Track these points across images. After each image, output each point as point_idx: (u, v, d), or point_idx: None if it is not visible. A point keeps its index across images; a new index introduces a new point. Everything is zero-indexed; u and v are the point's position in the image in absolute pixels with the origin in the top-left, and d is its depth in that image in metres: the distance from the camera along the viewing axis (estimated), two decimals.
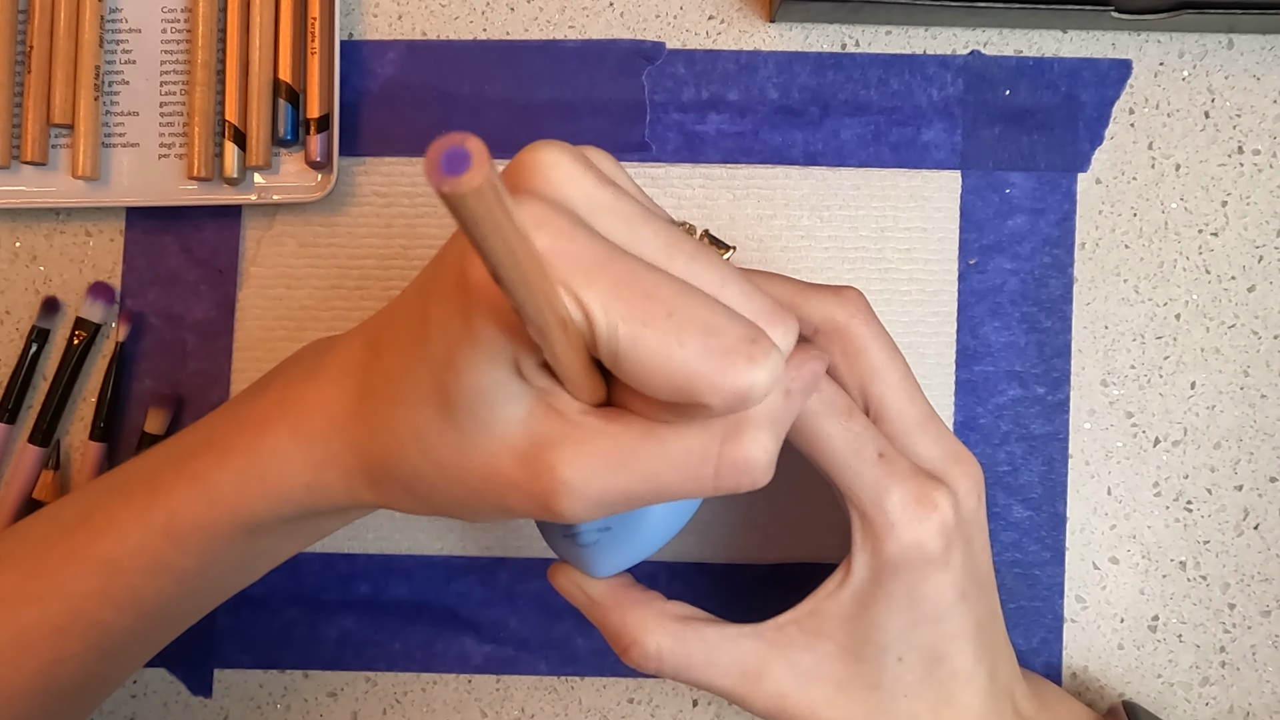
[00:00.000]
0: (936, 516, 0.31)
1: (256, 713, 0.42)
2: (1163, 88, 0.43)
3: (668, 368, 0.24)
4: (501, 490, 0.27)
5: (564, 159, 0.25)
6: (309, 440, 0.30)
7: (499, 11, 0.43)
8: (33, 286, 0.43)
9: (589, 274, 0.23)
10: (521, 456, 0.26)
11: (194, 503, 0.31)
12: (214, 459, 0.31)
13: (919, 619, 0.32)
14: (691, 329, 0.24)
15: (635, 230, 0.25)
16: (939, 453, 0.33)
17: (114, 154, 0.42)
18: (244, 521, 0.31)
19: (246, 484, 0.30)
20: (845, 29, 0.43)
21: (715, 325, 0.24)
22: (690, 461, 0.26)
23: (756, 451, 0.26)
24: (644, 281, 0.24)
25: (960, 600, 0.32)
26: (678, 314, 0.24)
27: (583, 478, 0.26)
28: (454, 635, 0.42)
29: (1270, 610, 0.42)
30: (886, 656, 0.33)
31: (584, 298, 0.23)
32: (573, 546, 0.33)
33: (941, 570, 0.32)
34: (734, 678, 0.33)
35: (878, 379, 0.33)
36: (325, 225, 0.43)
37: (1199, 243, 0.43)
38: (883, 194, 0.43)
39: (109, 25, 0.42)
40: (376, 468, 0.29)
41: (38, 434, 0.41)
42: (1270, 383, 0.42)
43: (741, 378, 0.24)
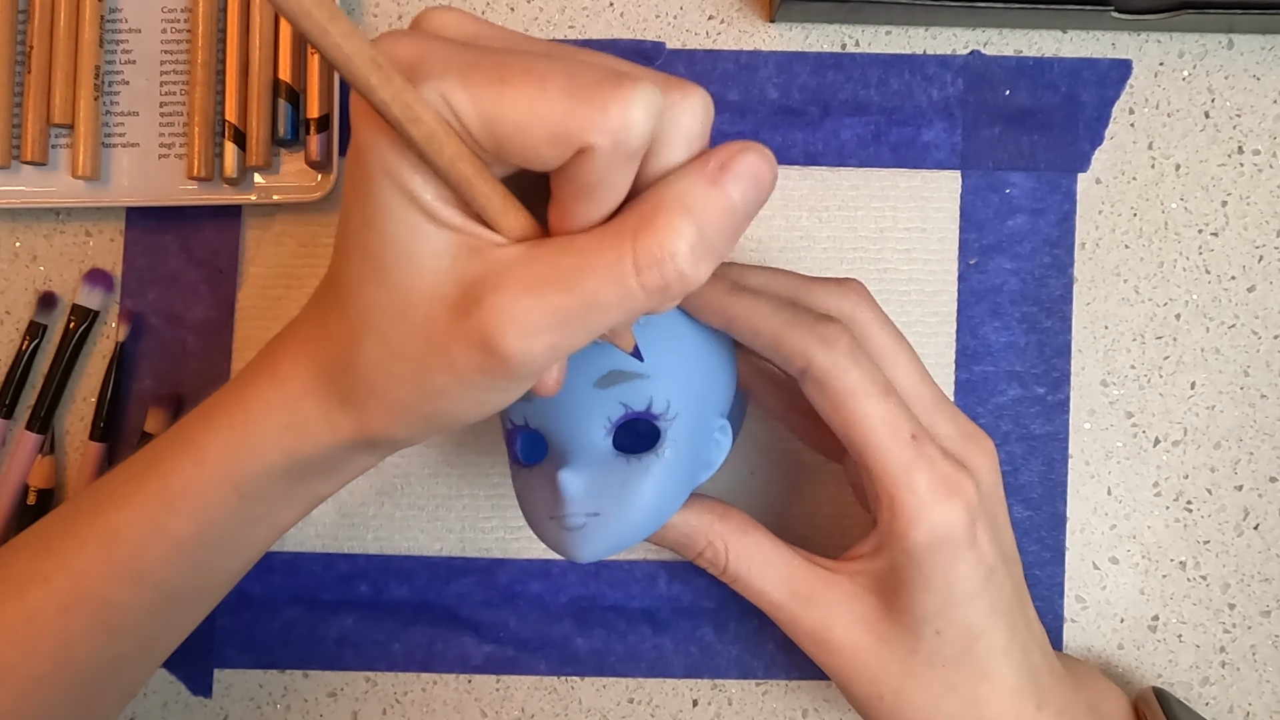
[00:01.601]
0: (961, 499, 0.32)
1: (256, 713, 0.42)
2: (1163, 88, 0.43)
3: (537, 117, 0.24)
4: (446, 348, 0.26)
5: (444, 8, 0.27)
6: (283, 378, 0.30)
7: (499, 11, 0.43)
8: (32, 286, 0.43)
9: (444, 64, 0.24)
10: (453, 303, 0.26)
11: (186, 465, 0.31)
12: (202, 420, 0.31)
13: (954, 598, 0.33)
14: (552, 75, 0.24)
15: (510, 43, 0.26)
16: (956, 431, 0.34)
17: (114, 154, 0.42)
18: (233, 477, 0.31)
19: (231, 437, 0.31)
20: (845, 29, 0.43)
21: (578, 70, 0.24)
22: (608, 261, 0.25)
23: (671, 238, 0.25)
24: (499, 56, 0.25)
25: (990, 577, 0.33)
26: (536, 68, 0.24)
27: (513, 307, 0.25)
28: (454, 635, 0.42)
29: (1270, 610, 0.42)
30: (924, 628, 0.33)
31: (444, 88, 0.24)
32: (560, 531, 0.33)
33: (969, 549, 0.32)
34: (784, 593, 0.35)
35: (886, 363, 0.34)
36: (325, 225, 0.43)
37: (1199, 243, 0.43)
38: (882, 194, 0.43)
39: (109, 25, 0.42)
40: (341, 376, 0.29)
41: (35, 421, 0.42)
42: (1270, 383, 0.42)
43: (611, 103, 0.24)
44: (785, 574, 0.35)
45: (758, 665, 0.42)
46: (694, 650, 0.42)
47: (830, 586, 0.35)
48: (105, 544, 0.32)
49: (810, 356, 0.32)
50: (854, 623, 0.34)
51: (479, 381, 0.27)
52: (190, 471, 0.31)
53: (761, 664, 0.42)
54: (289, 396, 0.30)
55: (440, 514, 0.42)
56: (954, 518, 0.32)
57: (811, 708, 0.42)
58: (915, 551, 0.32)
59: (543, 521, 0.34)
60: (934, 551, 0.32)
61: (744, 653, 0.42)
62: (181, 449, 0.31)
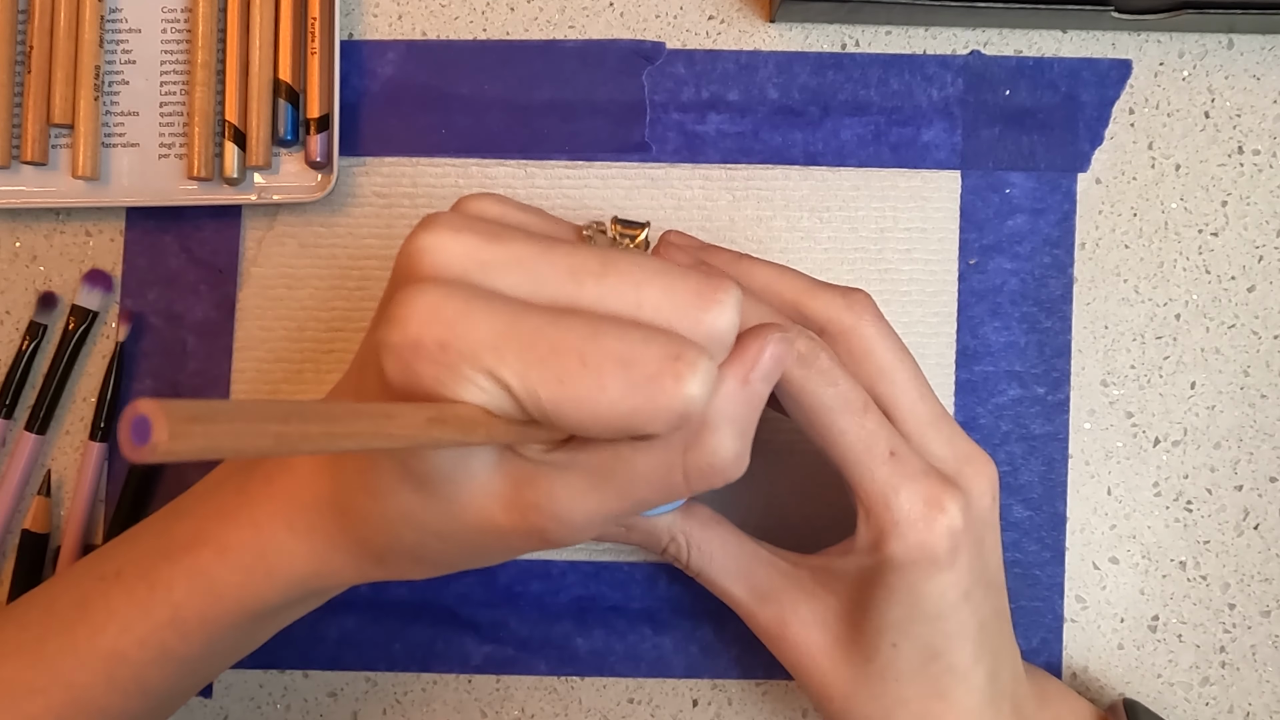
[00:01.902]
0: (944, 520, 0.31)
1: (256, 713, 0.42)
2: (1163, 88, 0.43)
3: (598, 415, 0.24)
4: (501, 537, 0.27)
5: (441, 236, 0.25)
6: (307, 533, 0.30)
7: (499, 11, 0.43)
8: (32, 286, 0.43)
9: (495, 349, 0.24)
10: (506, 503, 0.27)
11: (198, 597, 0.31)
12: (213, 555, 0.31)
13: (917, 615, 0.32)
14: (609, 369, 0.24)
15: (534, 272, 0.25)
16: (952, 453, 0.33)
17: (114, 154, 0.42)
18: (251, 610, 0.31)
19: (252, 577, 0.31)
20: (845, 29, 0.43)
21: (631, 356, 0.24)
22: (658, 474, 0.26)
23: (720, 452, 0.26)
24: (549, 336, 0.24)
25: (963, 601, 0.32)
26: (590, 359, 0.24)
27: (566, 509, 0.26)
28: (454, 635, 0.42)
29: (1270, 610, 0.42)
30: (882, 639, 0.33)
31: (499, 374, 0.24)
32: None
33: (945, 571, 0.32)
34: (742, 588, 0.35)
35: (885, 379, 0.33)
36: (325, 225, 0.43)
37: (1199, 243, 0.43)
38: (883, 194, 0.43)
39: (109, 25, 0.42)
40: (378, 550, 0.29)
41: (34, 421, 0.42)
42: (1270, 383, 0.42)
43: (674, 400, 0.24)
44: (745, 568, 0.35)
45: (758, 665, 0.42)
46: (694, 650, 0.42)
47: (789, 583, 0.34)
48: (107, 664, 0.32)
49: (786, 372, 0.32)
50: (810, 620, 0.34)
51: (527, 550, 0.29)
52: (204, 605, 0.31)
53: (761, 664, 0.42)
54: (316, 553, 0.30)
55: None
56: (935, 538, 0.31)
57: (811, 708, 0.42)
58: (887, 565, 0.32)
59: None
60: (906, 568, 0.32)
61: (744, 653, 0.42)
62: (192, 580, 0.31)
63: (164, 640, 0.31)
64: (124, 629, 0.31)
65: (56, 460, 0.42)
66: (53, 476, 0.42)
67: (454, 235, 0.25)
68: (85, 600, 0.32)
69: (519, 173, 0.42)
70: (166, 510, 0.34)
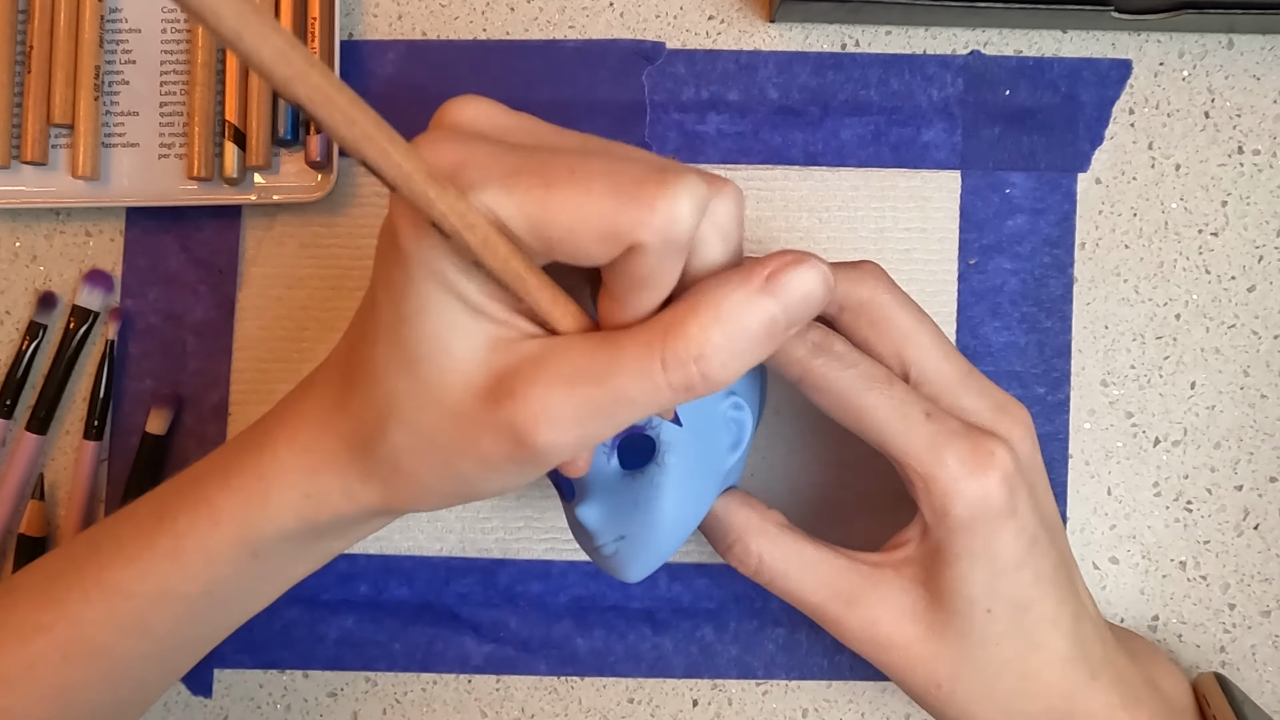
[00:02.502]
0: (996, 469, 0.32)
1: (256, 713, 0.42)
2: (1163, 88, 0.43)
3: (585, 219, 0.24)
4: (475, 437, 0.27)
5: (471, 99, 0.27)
6: (304, 447, 0.30)
7: (499, 11, 0.43)
8: (32, 286, 0.43)
9: (487, 171, 0.25)
10: (485, 393, 0.26)
11: (199, 526, 0.31)
12: (218, 481, 0.31)
13: (999, 571, 0.32)
14: (595, 175, 0.24)
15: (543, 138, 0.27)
16: (985, 404, 0.34)
17: (114, 154, 0.42)
18: (247, 540, 0.31)
19: (249, 501, 0.31)
20: (845, 29, 0.43)
21: (619, 167, 0.24)
22: (639, 358, 0.26)
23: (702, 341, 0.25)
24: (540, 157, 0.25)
25: (1033, 546, 0.33)
26: (578, 169, 0.24)
27: (545, 398, 0.26)
28: (454, 635, 0.42)
29: (1270, 610, 0.42)
30: (975, 609, 0.33)
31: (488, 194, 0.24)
32: (602, 559, 0.34)
33: (1010, 519, 0.32)
34: (824, 596, 0.34)
35: (910, 343, 0.33)
36: (326, 225, 0.43)
37: (1199, 243, 0.43)
38: (882, 194, 0.43)
39: (109, 25, 0.42)
40: (365, 453, 0.29)
41: (34, 421, 0.42)
42: (1270, 383, 0.42)
43: (658, 200, 0.24)
44: (826, 576, 0.34)
45: (758, 665, 0.42)
46: (694, 650, 0.42)
47: (875, 583, 0.34)
48: (111, 598, 0.32)
49: (805, 365, 0.32)
50: (901, 616, 0.34)
51: (506, 468, 0.27)
52: (204, 533, 0.31)
53: (761, 664, 0.42)
54: (309, 467, 0.30)
55: (440, 514, 0.42)
56: (991, 488, 0.32)
57: (811, 708, 0.42)
58: (957, 528, 0.32)
59: (590, 553, 0.34)
60: (975, 525, 0.32)
61: (744, 653, 0.42)
62: (195, 509, 0.31)
63: (164, 573, 0.31)
64: (128, 561, 0.32)
65: (56, 460, 0.42)
66: (51, 477, 0.42)
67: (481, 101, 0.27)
68: (96, 538, 0.33)
69: None
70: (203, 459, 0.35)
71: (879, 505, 0.42)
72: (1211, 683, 0.38)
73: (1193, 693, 0.38)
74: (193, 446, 0.42)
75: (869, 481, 0.42)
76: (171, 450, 0.42)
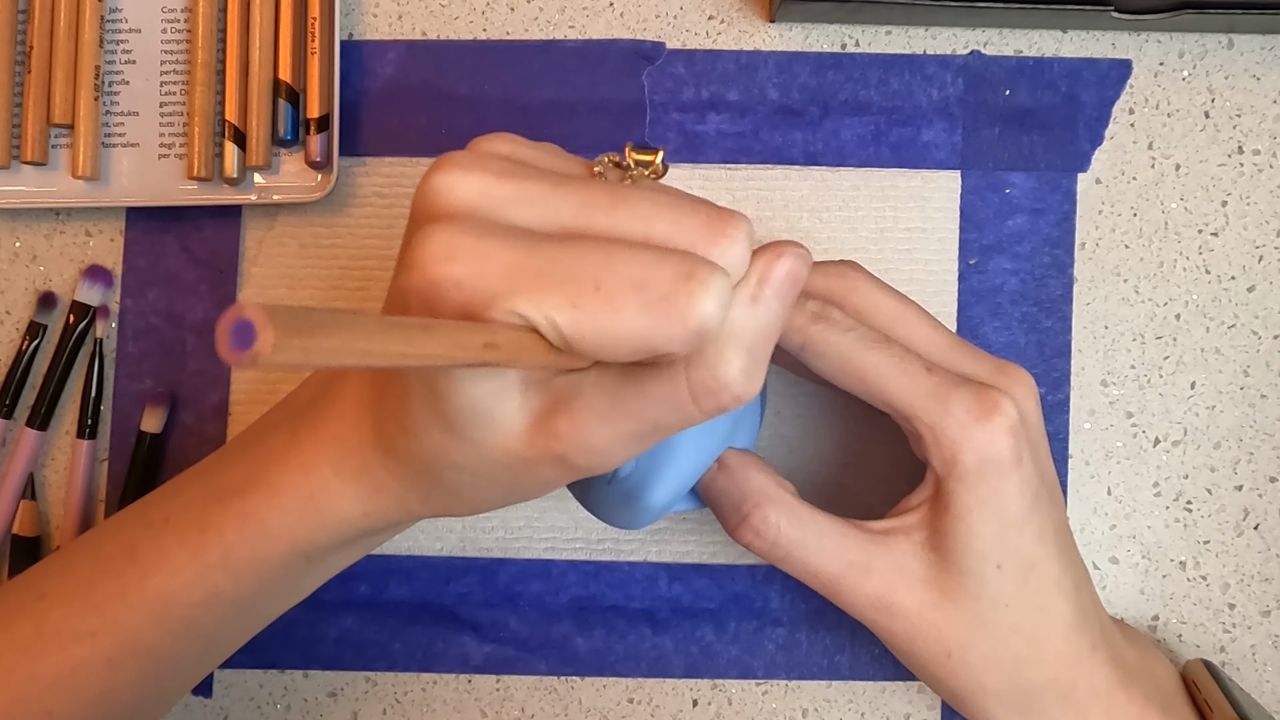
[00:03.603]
0: (1001, 418, 0.32)
1: (256, 713, 0.42)
2: (1163, 88, 0.43)
3: (615, 338, 0.24)
4: (531, 468, 0.28)
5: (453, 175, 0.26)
6: (354, 475, 0.30)
7: (499, 11, 0.43)
8: (32, 286, 0.43)
9: (509, 282, 0.24)
10: (530, 436, 0.27)
11: (249, 539, 0.31)
12: (264, 497, 0.31)
13: (1006, 523, 0.33)
14: (622, 291, 0.24)
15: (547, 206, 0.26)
16: (984, 368, 0.34)
17: (114, 154, 0.42)
18: (302, 550, 0.32)
19: (303, 519, 0.31)
20: (845, 29, 0.43)
21: (644, 277, 0.24)
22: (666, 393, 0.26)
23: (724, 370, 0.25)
24: (562, 265, 0.24)
25: (1036, 501, 0.33)
26: (604, 283, 0.24)
27: (589, 436, 0.26)
28: (454, 635, 0.42)
29: (1270, 610, 0.42)
30: (986, 566, 0.33)
31: (516, 308, 0.24)
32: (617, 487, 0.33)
33: (1015, 468, 0.32)
34: (840, 565, 0.34)
35: (897, 323, 0.34)
36: (326, 226, 0.43)
37: (1199, 243, 0.43)
38: (882, 194, 0.43)
39: (109, 25, 0.42)
40: (419, 486, 0.30)
41: (35, 418, 0.42)
42: (1270, 383, 0.42)
43: (689, 318, 0.24)
44: (840, 546, 0.34)
45: (758, 665, 0.42)
46: (694, 650, 0.42)
47: (887, 550, 0.34)
48: (159, 607, 0.32)
49: (806, 332, 0.33)
50: (914, 582, 0.34)
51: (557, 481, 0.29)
52: (255, 545, 0.31)
53: (761, 664, 0.42)
54: (363, 494, 0.31)
55: None
56: (997, 435, 0.32)
57: (811, 708, 0.42)
58: (965, 477, 0.32)
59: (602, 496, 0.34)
60: (983, 473, 0.32)
61: (744, 653, 0.42)
62: (243, 523, 0.31)
63: (215, 582, 0.32)
64: (174, 572, 0.32)
65: (56, 460, 0.42)
66: (49, 477, 0.42)
67: (466, 173, 0.26)
68: (134, 546, 0.33)
69: None
70: (211, 460, 0.34)
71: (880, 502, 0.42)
72: (1200, 669, 0.38)
73: (1181, 680, 0.38)
74: (192, 446, 0.42)
75: (870, 480, 0.42)
76: (170, 449, 0.42)
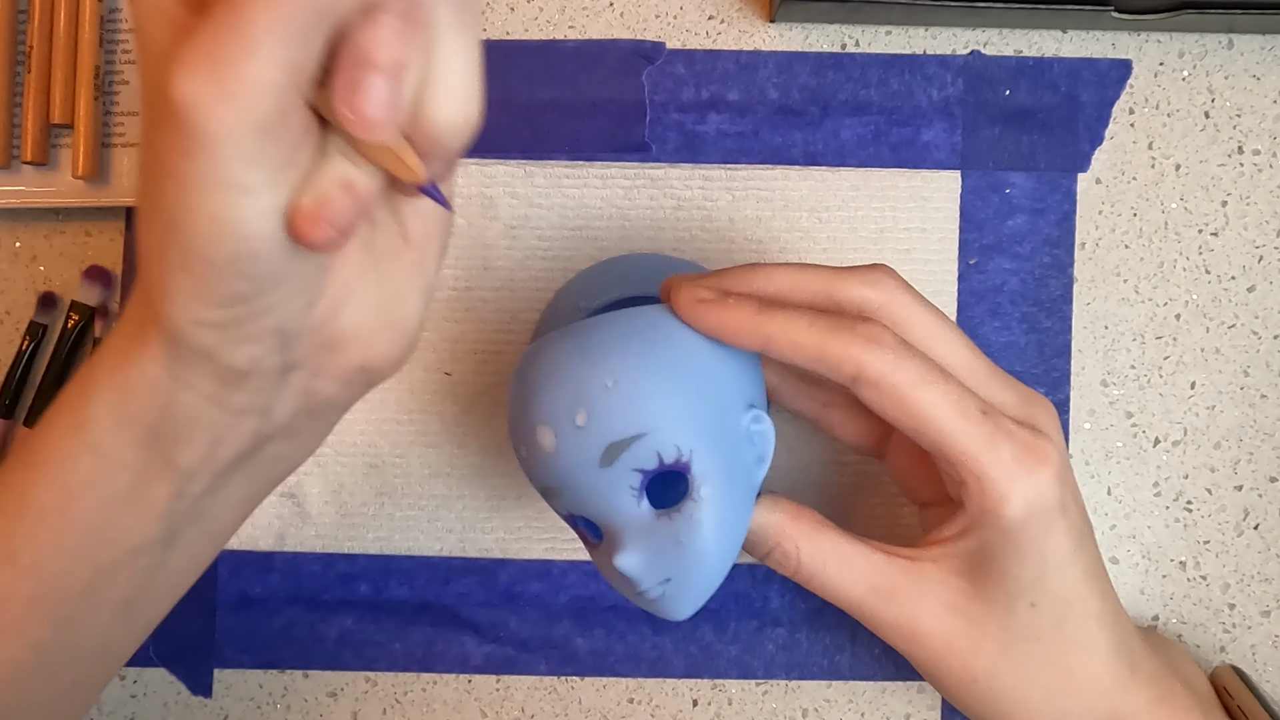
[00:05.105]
0: (1049, 466, 0.32)
1: (256, 713, 0.42)
2: (1163, 88, 0.43)
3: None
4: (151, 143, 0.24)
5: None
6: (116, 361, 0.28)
7: (499, 11, 0.43)
8: (32, 286, 0.43)
9: None
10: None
11: (42, 428, 0.29)
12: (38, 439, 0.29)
13: (1048, 569, 0.32)
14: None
15: None
16: (1016, 398, 0.34)
17: (114, 154, 0.42)
18: (79, 431, 0.28)
19: (79, 392, 0.28)
20: (845, 29, 0.43)
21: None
22: None
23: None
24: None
25: (1081, 543, 0.33)
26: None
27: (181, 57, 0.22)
28: (454, 635, 0.42)
29: (1270, 610, 0.42)
30: (1018, 603, 0.33)
31: None
32: (648, 603, 0.33)
33: (1062, 516, 0.32)
34: (863, 590, 0.34)
35: (936, 343, 0.33)
36: None
37: (1199, 243, 0.43)
38: (882, 194, 0.43)
39: (109, 25, 0.42)
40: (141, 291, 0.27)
41: (33, 417, 0.42)
42: (1270, 383, 0.42)
43: None
44: (864, 570, 0.34)
45: (758, 665, 0.42)
46: (694, 650, 0.42)
47: (914, 577, 0.34)
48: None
49: (860, 361, 0.31)
50: (940, 610, 0.34)
51: (184, 168, 0.23)
52: (44, 432, 0.29)
53: (761, 664, 0.42)
54: (116, 348, 0.28)
55: (440, 514, 0.42)
56: (1046, 487, 0.32)
57: (811, 708, 0.42)
58: (1011, 527, 0.32)
59: (633, 598, 0.33)
60: (1029, 523, 0.32)
61: (744, 653, 0.42)
62: (43, 420, 0.29)
63: (18, 481, 0.29)
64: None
65: None
66: None
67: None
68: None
69: (519, 172, 0.42)
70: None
71: (881, 502, 0.42)
72: (1230, 674, 0.38)
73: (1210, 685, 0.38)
74: None
75: (870, 480, 0.42)
76: None
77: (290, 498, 0.42)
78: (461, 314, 0.42)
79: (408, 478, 0.42)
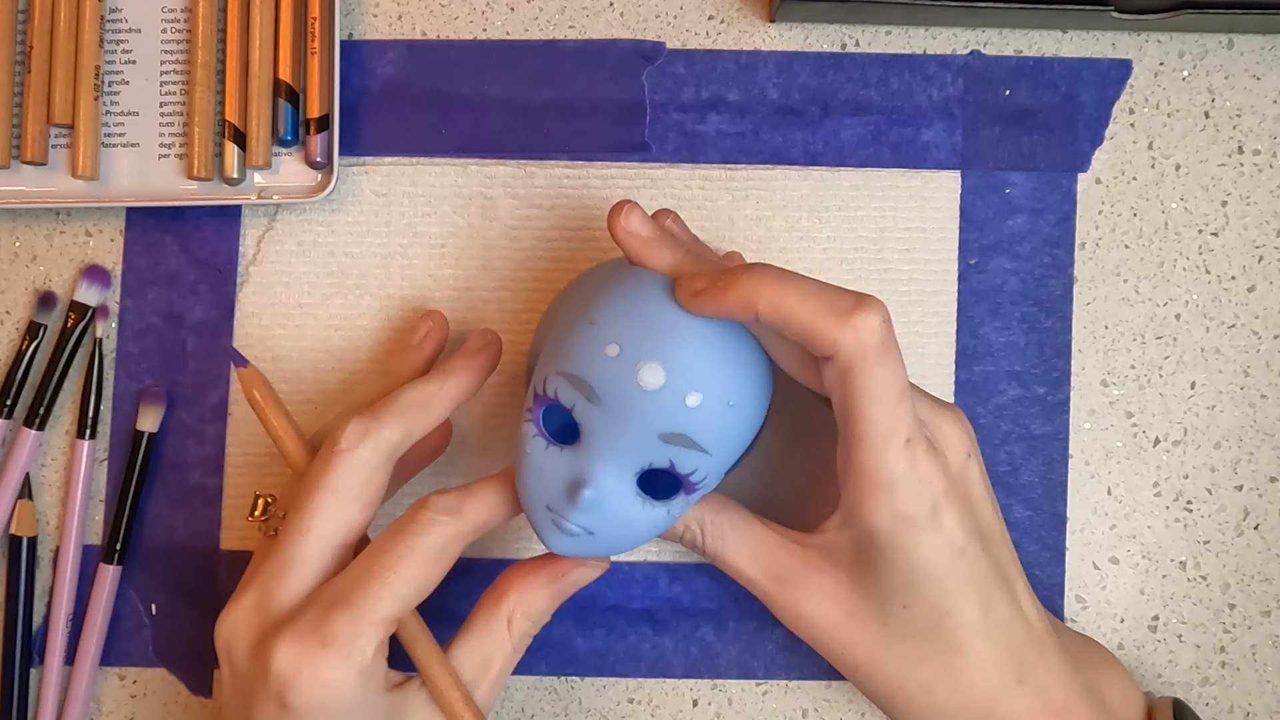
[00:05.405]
0: (927, 489, 0.32)
1: None
2: (1163, 88, 0.43)
3: None
4: None
5: None
6: None
7: (499, 11, 0.43)
8: (32, 286, 0.43)
9: None
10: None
11: None
12: None
13: (917, 578, 0.33)
14: None
15: None
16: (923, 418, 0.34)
17: (114, 154, 0.42)
18: None
19: None
20: (845, 29, 0.43)
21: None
22: None
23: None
24: None
25: (959, 558, 0.33)
26: None
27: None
28: None
29: (1270, 610, 0.42)
30: (891, 603, 0.34)
31: None
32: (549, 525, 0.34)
33: (933, 533, 0.32)
34: (758, 572, 0.36)
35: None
36: (325, 225, 0.43)
37: (1199, 243, 0.43)
38: (882, 194, 0.43)
39: (109, 25, 0.42)
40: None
41: (33, 418, 0.41)
42: (1270, 383, 0.42)
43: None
44: (759, 552, 0.36)
45: (758, 665, 0.42)
46: (694, 650, 0.42)
47: (801, 563, 0.35)
48: None
49: (839, 346, 0.31)
50: (823, 598, 0.35)
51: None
52: None
53: (761, 664, 0.42)
54: None
55: None
56: (915, 507, 0.32)
57: (811, 708, 0.42)
58: (876, 533, 0.33)
59: (538, 503, 0.34)
60: (896, 534, 0.32)
61: (744, 653, 0.42)
62: None
63: None
64: None
65: (55, 460, 0.42)
66: (49, 476, 0.42)
67: None
68: None
69: (519, 172, 0.42)
70: None
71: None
72: (1167, 709, 0.37)
73: (1146, 712, 0.37)
74: (192, 446, 0.42)
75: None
76: (169, 450, 0.42)
77: None
78: (462, 314, 0.42)
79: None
